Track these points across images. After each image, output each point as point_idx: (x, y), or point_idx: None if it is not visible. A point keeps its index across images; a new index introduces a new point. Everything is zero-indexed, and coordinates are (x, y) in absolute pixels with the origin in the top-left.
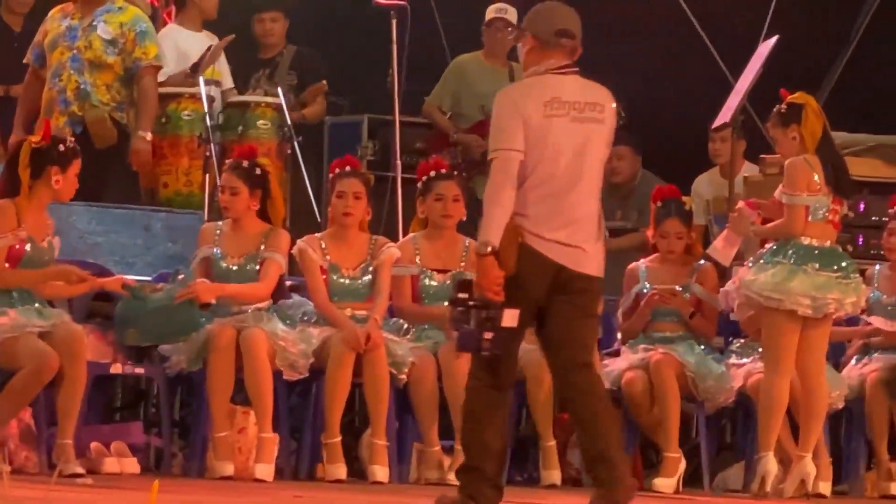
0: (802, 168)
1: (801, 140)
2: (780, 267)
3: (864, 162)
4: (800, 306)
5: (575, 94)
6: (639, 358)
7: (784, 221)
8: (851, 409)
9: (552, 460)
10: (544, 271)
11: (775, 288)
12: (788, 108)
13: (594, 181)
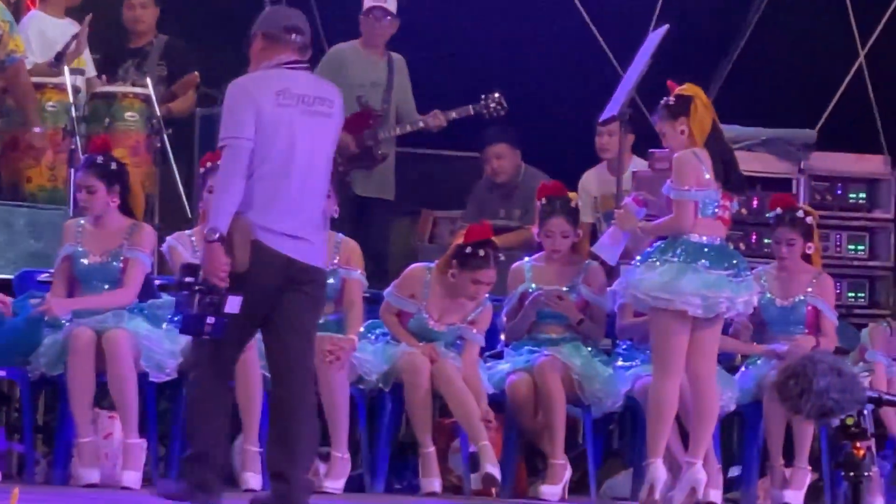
0: (691, 162)
1: (689, 134)
2: (668, 265)
3: (757, 157)
4: (690, 306)
5: (305, 88)
6: (523, 360)
7: (672, 218)
8: (744, 414)
9: (432, 467)
10: (275, 264)
11: (664, 287)
12: (676, 100)
13: (322, 175)
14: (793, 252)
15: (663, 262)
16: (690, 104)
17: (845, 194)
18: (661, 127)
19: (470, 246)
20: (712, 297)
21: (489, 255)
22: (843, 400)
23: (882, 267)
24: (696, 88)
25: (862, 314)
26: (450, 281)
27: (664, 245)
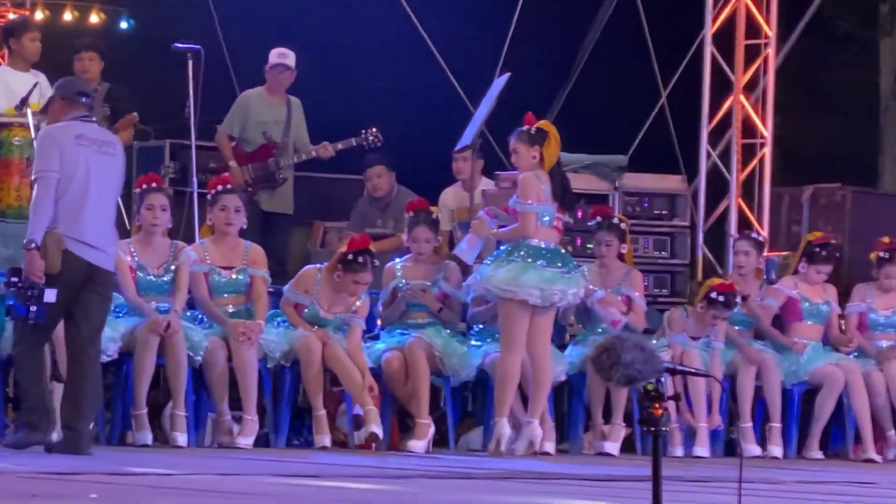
0: (533, 181)
1: (540, 159)
2: (513, 264)
3: (582, 177)
4: (531, 297)
5: (96, 135)
6: (396, 341)
7: (518, 226)
8: (573, 382)
9: (323, 427)
10: (80, 267)
11: (511, 282)
12: (537, 130)
13: (111, 198)
14: (610, 251)
15: (509, 261)
16: (546, 137)
17: (651, 207)
18: (516, 146)
19: (352, 253)
20: (548, 290)
21: (367, 261)
22: (645, 370)
23: (680, 264)
24: (550, 126)
25: (664, 302)
26: (336, 280)
27: (510, 248)
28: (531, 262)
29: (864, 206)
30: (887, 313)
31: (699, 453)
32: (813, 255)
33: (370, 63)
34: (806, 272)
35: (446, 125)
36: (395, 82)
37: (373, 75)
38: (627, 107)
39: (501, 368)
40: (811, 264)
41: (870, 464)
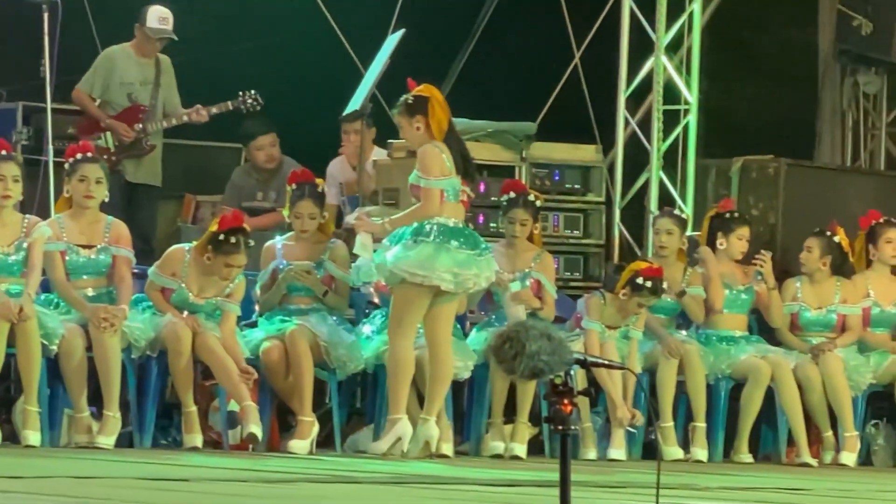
0: (434, 153)
1: (426, 129)
2: (425, 245)
3: (485, 147)
4: (443, 282)
5: None
6: (275, 329)
7: (421, 205)
8: (474, 375)
9: (193, 425)
10: None
11: (420, 265)
12: (415, 99)
13: None
14: (524, 231)
15: (418, 242)
16: (427, 104)
17: (562, 180)
18: (399, 121)
19: (223, 233)
20: (462, 274)
21: (240, 242)
22: (553, 361)
23: (595, 245)
24: (432, 89)
25: (577, 287)
26: (206, 263)
27: (416, 228)
28: (443, 243)
29: (799, 179)
30: (821, 312)
31: (614, 456)
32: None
33: (249, 18)
34: (726, 248)
35: (334, 87)
36: (277, 39)
37: (252, 31)
38: (536, 68)
39: (394, 358)
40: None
41: (804, 468)
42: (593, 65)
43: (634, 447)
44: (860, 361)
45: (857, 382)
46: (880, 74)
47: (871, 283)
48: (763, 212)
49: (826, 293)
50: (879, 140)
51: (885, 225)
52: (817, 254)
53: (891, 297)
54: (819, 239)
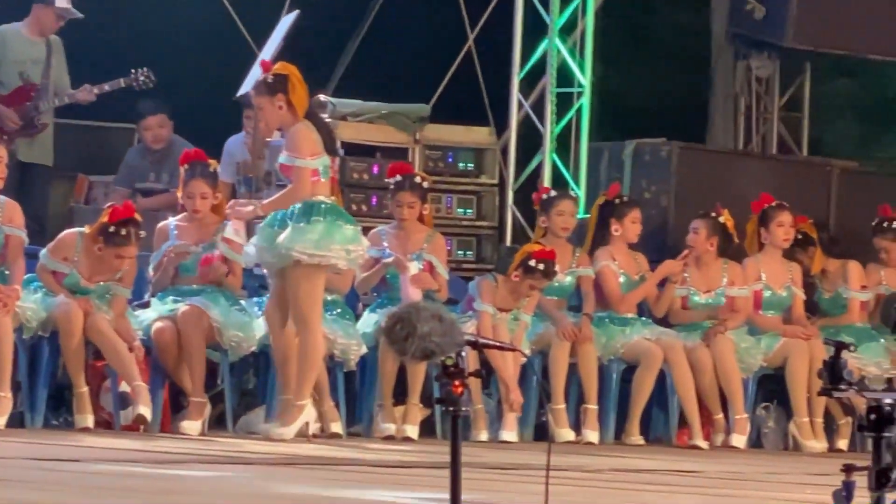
0: (306, 133)
1: (287, 107)
2: (316, 224)
3: (378, 129)
4: (340, 260)
5: None
6: (167, 309)
7: (295, 186)
8: (365, 356)
9: (85, 405)
10: None
11: (317, 245)
12: (275, 78)
13: None
14: (412, 213)
15: (312, 222)
16: (288, 82)
17: (455, 162)
18: (259, 101)
19: (113, 225)
20: (354, 251)
21: (130, 234)
22: (444, 343)
23: (488, 227)
24: (290, 67)
25: (470, 269)
26: (97, 253)
27: (301, 209)
28: (334, 221)
29: (691, 163)
30: (710, 295)
31: (506, 437)
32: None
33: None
34: (622, 234)
35: (228, 68)
36: (169, 19)
37: (143, 11)
38: (429, 50)
39: (311, 344)
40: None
41: (695, 450)
42: (487, 47)
43: (526, 429)
44: (751, 344)
45: (748, 365)
46: (773, 59)
47: (763, 267)
48: (655, 195)
49: (713, 276)
50: (772, 124)
51: (776, 208)
52: (704, 235)
53: (782, 281)
54: (705, 220)
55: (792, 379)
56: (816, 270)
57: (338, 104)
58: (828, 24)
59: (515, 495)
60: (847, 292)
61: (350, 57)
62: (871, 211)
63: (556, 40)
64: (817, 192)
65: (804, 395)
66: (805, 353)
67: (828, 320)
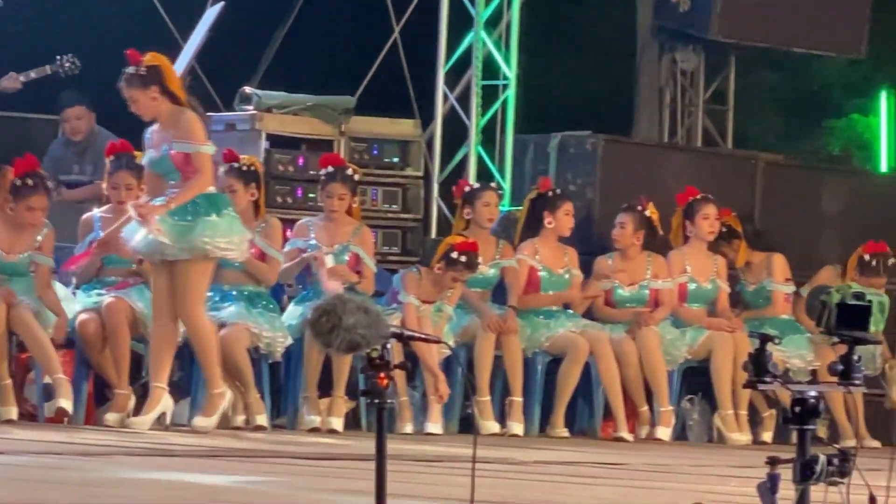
0: (196, 119)
1: (162, 98)
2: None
3: (303, 121)
4: (242, 252)
5: None
6: (92, 301)
7: (202, 175)
8: (291, 348)
9: (9, 397)
10: None
11: (225, 236)
12: (148, 70)
13: None
14: (343, 205)
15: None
16: (161, 72)
17: (381, 154)
18: (132, 94)
19: (19, 178)
20: (240, 242)
21: (38, 184)
22: (370, 335)
23: (413, 219)
24: (160, 57)
25: (396, 261)
26: (10, 214)
27: (206, 200)
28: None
29: (616, 156)
30: (634, 288)
31: (431, 430)
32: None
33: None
34: (555, 226)
35: None
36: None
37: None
38: (355, 42)
39: (203, 331)
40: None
41: (620, 443)
42: (412, 39)
43: (451, 421)
44: (675, 336)
45: (674, 357)
46: (698, 52)
47: (688, 259)
48: (581, 188)
49: (638, 269)
50: (697, 117)
51: (701, 201)
52: (631, 229)
53: (707, 273)
54: (631, 214)
55: (716, 371)
56: (741, 263)
57: (263, 96)
58: (752, 17)
59: (441, 487)
60: (771, 285)
61: (275, 49)
62: (796, 204)
63: (481, 33)
64: (742, 184)
65: (729, 387)
66: (729, 345)
67: (752, 313)
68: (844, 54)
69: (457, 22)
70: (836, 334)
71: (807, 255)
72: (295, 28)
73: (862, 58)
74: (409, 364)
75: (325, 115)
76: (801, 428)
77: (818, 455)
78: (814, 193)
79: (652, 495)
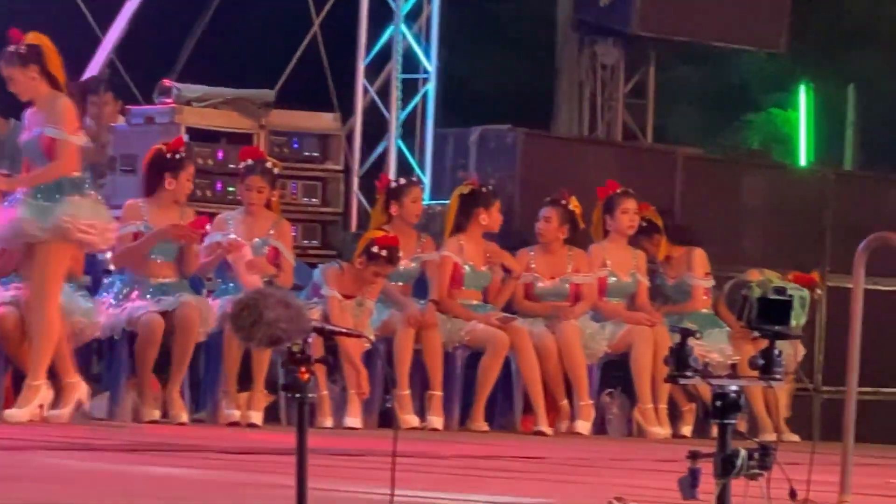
0: (70, 106)
1: (41, 78)
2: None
3: (223, 114)
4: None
5: None
6: (10, 295)
7: (63, 160)
8: (209, 342)
9: None
10: None
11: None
12: (28, 48)
13: None
14: (261, 198)
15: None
16: (41, 52)
17: (301, 148)
18: (10, 72)
19: None
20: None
21: None
22: (290, 329)
23: (333, 213)
24: (41, 37)
25: (315, 255)
26: None
27: (70, 182)
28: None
29: (536, 150)
30: (554, 282)
31: (351, 424)
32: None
33: None
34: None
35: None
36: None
37: None
38: (275, 35)
39: (46, 324)
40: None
41: (540, 437)
42: (333, 32)
43: (370, 415)
44: (595, 330)
45: (593, 351)
46: (618, 46)
47: (608, 254)
48: (501, 182)
49: (559, 263)
50: (616, 111)
51: (621, 195)
52: (556, 223)
53: (627, 268)
54: (556, 208)
55: (636, 365)
56: (661, 258)
57: (182, 89)
58: (673, 12)
59: (361, 482)
60: (691, 279)
61: (195, 41)
62: (716, 198)
63: (401, 26)
64: (662, 179)
65: (648, 381)
66: (649, 339)
67: (672, 307)
68: (764, 49)
69: (377, 15)
70: (756, 328)
71: (727, 250)
72: (215, 21)
73: (781, 52)
74: (329, 358)
75: (245, 108)
76: (722, 422)
77: (739, 449)
78: (734, 188)
79: (571, 489)
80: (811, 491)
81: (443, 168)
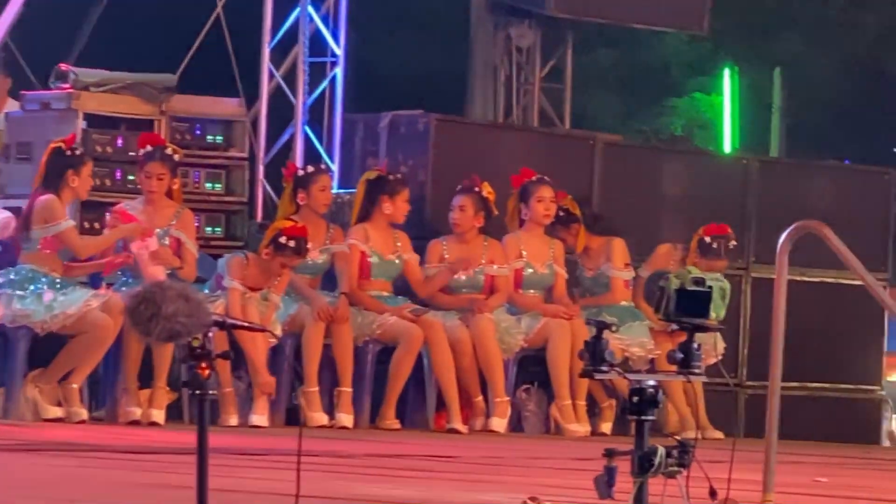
0: None
1: None
2: None
3: (122, 99)
4: None
5: None
6: None
7: None
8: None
9: None
10: None
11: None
12: None
13: None
14: (162, 186)
15: None
16: None
17: (204, 134)
18: None
19: None
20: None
21: None
22: (190, 323)
23: (238, 202)
24: None
25: (219, 246)
26: None
27: None
28: None
29: (449, 135)
30: (469, 274)
31: (256, 422)
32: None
33: None
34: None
35: None
36: None
37: None
38: (177, 17)
39: None
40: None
41: (454, 434)
42: (236, 14)
43: (277, 413)
44: (511, 324)
45: (509, 345)
46: (534, 28)
47: (524, 244)
48: (413, 169)
49: (474, 254)
50: (533, 96)
51: (537, 183)
52: (471, 212)
53: (544, 259)
54: (471, 196)
55: (553, 360)
56: (580, 248)
57: (80, 74)
58: None
59: (265, 482)
60: (610, 270)
61: (93, 24)
62: (635, 186)
63: (308, 7)
64: (580, 166)
65: (566, 376)
66: (566, 333)
67: (590, 300)
68: (686, 31)
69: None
70: (675, 321)
71: (647, 240)
72: (114, 2)
73: (704, 34)
74: (231, 353)
75: (146, 93)
76: (640, 418)
77: (657, 447)
78: (654, 175)
79: (486, 489)
80: (733, 490)
81: (352, 155)
